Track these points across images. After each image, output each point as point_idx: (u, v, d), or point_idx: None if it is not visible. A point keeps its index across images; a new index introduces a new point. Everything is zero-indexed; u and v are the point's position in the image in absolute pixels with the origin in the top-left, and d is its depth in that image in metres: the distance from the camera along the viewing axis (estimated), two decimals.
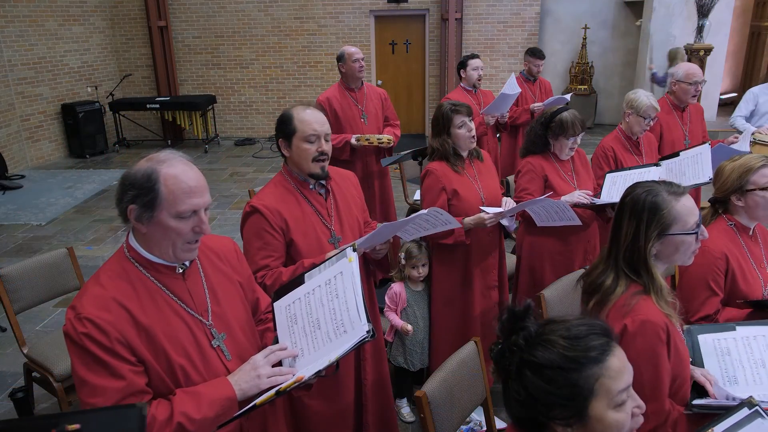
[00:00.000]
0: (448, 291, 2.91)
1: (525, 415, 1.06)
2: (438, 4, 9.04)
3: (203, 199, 1.42)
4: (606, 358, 1.02)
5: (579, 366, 1.01)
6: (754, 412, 1.36)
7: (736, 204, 2.15)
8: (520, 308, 1.09)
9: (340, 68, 4.19)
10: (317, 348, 1.50)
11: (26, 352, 2.83)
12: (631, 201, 1.64)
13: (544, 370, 1.01)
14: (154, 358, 1.38)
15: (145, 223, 1.39)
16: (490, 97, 4.89)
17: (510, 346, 1.08)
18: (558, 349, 1.02)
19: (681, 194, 1.62)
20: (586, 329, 1.04)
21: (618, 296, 1.64)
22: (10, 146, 7.79)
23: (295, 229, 2.10)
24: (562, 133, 2.79)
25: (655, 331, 1.55)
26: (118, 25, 9.40)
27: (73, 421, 1.06)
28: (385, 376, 2.42)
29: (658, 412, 1.56)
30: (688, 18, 8.05)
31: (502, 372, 1.10)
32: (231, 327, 1.56)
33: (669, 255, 1.65)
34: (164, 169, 1.39)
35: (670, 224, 1.60)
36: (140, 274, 1.44)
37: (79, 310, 1.34)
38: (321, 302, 1.55)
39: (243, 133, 9.86)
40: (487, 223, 2.64)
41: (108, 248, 5.31)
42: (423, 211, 2.33)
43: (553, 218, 2.77)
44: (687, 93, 3.80)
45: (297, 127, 2.07)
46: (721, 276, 2.09)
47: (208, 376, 1.46)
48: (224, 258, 1.64)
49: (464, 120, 2.71)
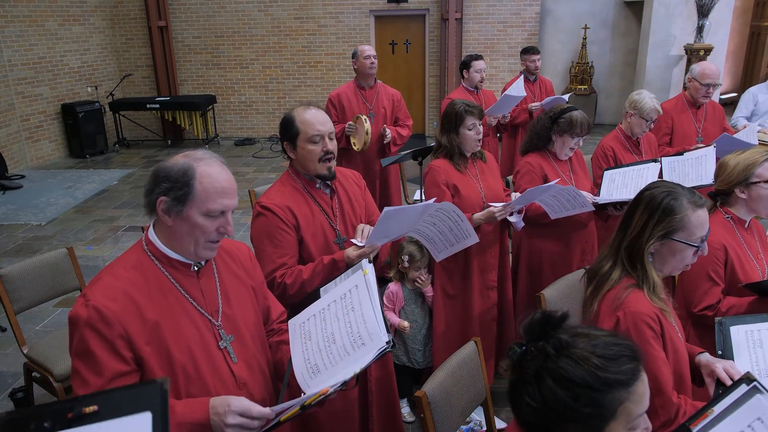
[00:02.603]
0: (449, 289, 2.91)
1: (535, 421, 1.04)
2: (438, 4, 9.04)
3: (233, 200, 1.47)
4: (635, 382, 1.00)
5: (608, 388, 0.98)
6: (752, 388, 1.32)
7: (739, 196, 2.20)
8: (556, 314, 1.06)
9: (353, 65, 4.34)
10: (334, 363, 1.48)
11: (26, 352, 2.83)
12: (650, 196, 1.66)
13: (572, 386, 0.98)
14: (156, 355, 1.38)
15: (173, 216, 1.41)
16: (492, 97, 4.89)
17: (535, 350, 1.04)
18: (591, 367, 0.99)
19: (700, 206, 1.63)
20: (618, 350, 1.01)
21: (612, 284, 1.67)
22: (10, 146, 7.80)
23: (305, 228, 2.10)
24: (568, 131, 2.80)
25: (646, 321, 1.58)
26: (118, 25, 9.40)
27: (90, 403, 1.03)
28: (389, 372, 2.43)
29: (665, 405, 1.56)
30: (688, 18, 8.05)
31: (516, 372, 1.06)
32: (240, 330, 1.56)
33: (664, 258, 1.66)
34: (201, 167, 1.42)
35: (677, 230, 1.61)
36: (155, 268, 1.45)
37: (89, 297, 1.35)
38: (336, 317, 1.54)
39: (243, 133, 9.86)
40: (497, 215, 2.64)
41: (108, 248, 5.31)
42: (430, 201, 2.23)
43: (566, 207, 2.75)
44: (698, 92, 3.81)
45: (300, 129, 2.07)
46: (721, 266, 2.15)
47: (211, 377, 1.46)
48: (239, 261, 1.65)
49: (475, 122, 2.72)
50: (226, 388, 1.49)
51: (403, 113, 4.47)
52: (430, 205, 2.15)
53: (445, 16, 8.92)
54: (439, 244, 2.59)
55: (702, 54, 7.81)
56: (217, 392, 1.46)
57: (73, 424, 1.01)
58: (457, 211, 2.43)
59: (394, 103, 4.41)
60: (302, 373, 1.51)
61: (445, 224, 2.49)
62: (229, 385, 1.50)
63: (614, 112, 9.61)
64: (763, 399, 1.31)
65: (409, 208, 2.03)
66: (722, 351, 1.73)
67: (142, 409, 1.05)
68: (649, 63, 8.39)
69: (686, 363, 1.68)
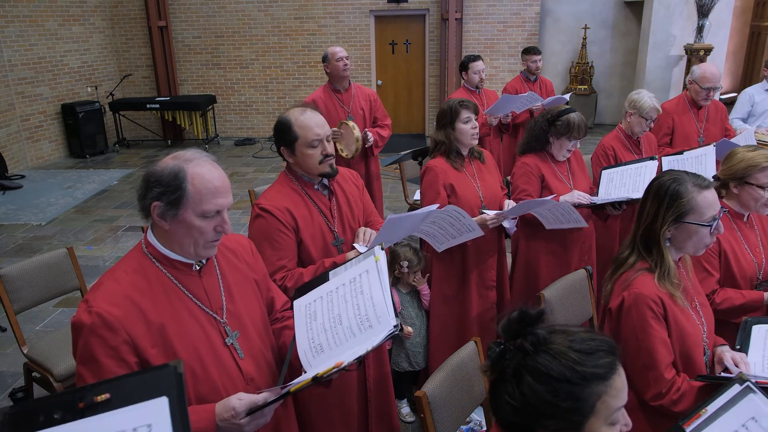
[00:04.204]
0: (446, 290, 2.91)
1: (515, 420, 1.04)
2: (438, 4, 9.04)
3: (227, 199, 1.45)
4: (612, 376, 1.02)
5: (586, 382, 1.00)
6: (745, 388, 1.35)
7: (732, 191, 2.26)
8: (533, 311, 1.07)
9: (325, 69, 4.15)
10: (339, 343, 1.49)
11: (26, 352, 2.83)
12: (657, 185, 1.77)
13: (550, 381, 1.00)
14: (163, 357, 1.38)
15: (169, 220, 1.40)
16: (494, 97, 4.87)
17: (514, 348, 1.05)
18: (568, 361, 1.00)
19: (705, 187, 1.72)
20: (595, 345, 1.03)
21: (627, 267, 1.79)
22: (10, 146, 7.79)
23: (305, 230, 2.09)
24: (565, 134, 2.78)
25: (647, 303, 1.68)
26: (118, 25, 9.40)
27: (102, 391, 1.00)
28: (386, 373, 2.43)
29: (657, 379, 1.67)
30: (688, 18, 8.05)
31: (495, 372, 1.07)
32: (245, 325, 1.56)
33: (682, 242, 1.75)
34: (191, 168, 1.40)
35: (686, 212, 1.70)
36: (156, 270, 1.44)
37: (91, 303, 1.35)
38: (344, 299, 1.55)
39: (243, 133, 9.86)
40: (489, 224, 2.64)
41: (108, 248, 5.31)
42: (432, 207, 2.25)
43: (560, 220, 2.76)
44: (698, 95, 3.81)
45: (298, 134, 2.04)
46: (714, 257, 2.20)
47: (219, 375, 1.46)
48: (240, 256, 1.65)
49: (470, 116, 2.72)
50: (234, 385, 1.49)
51: (381, 113, 4.34)
52: (432, 211, 2.15)
53: (445, 16, 8.92)
54: (440, 238, 2.59)
55: (702, 54, 7.81)
56: (226, 390, 1.46)
57: (87, 414, 0.98)
58: (458, 209, 2.43)
59: (371, 104, 4.28)
60: (305, 351, 1.52)
61: (445, 221, 2.49)
62: (237, 382, 1.50)
63: (614, 112, 9.61)
64: (756, 399, 1.33)
65: (411, 215, 2.05)
66: (740, 346, 1.82)
67: (157, 395, 1.02)
68: (649, 63, 8.39)
69: (697, 346, 1.74)
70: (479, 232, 2.57)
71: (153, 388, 1.03)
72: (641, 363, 1.68)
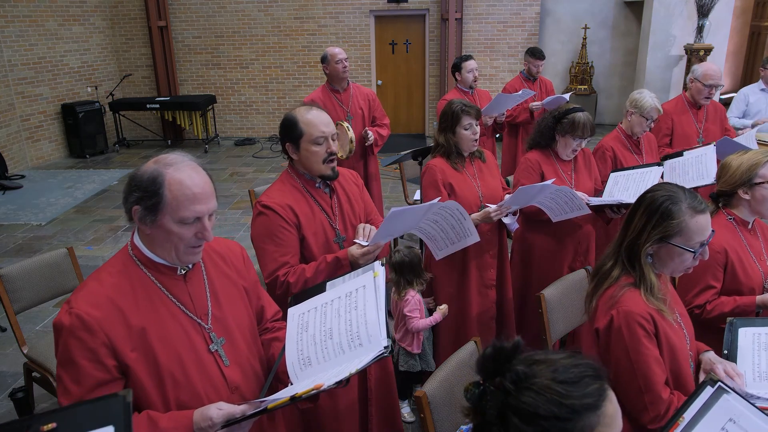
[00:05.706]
0: (448, 288, 2.91)
1: None
2: (438, 4, 9.04)
3: (207, 206, 1.40)
4: (603, 404, 0.94)
5: (577, 415, 0.92)
6: (717, 389, 1.32)
7: (743, 197, 2.20)
8: (507, 345, 0.98)
9: (324, 70, 4.18)
10: (327, 359, 1.46)
11: (26, 352, 2.83)
12: (650, 198, 1.67)
13: (538, 420, 0.92)
14: (143, 361, 1.35)
15: (149, 225, 1.38)
16: (487, 97, 4.87)
17: (494, 389, 0.97)
18: (554, 395, 0.92)
19: (700, 211, 1.62)
20: (579, 372, 0.95)
21: (611, 282, 1.70)
22: (10, 146, 7.79)
23: (307, 227, 2.10)
24: (570, 132, 2.79)
25: (638, 321, 1.60)
26: (118, 25, 9.40)
27: (49, 420, 1.00)
28: (389, 373, 2.43)
29: (654, 401, 1.59)
30: (688, 18, 8.05)
31: (478, 415, 0.99)
32: (231, 332, 1.53)
33: (663, 260, 1.67)
34: (170, 174, 1.36)
35: (674, 234, 1.62)
36: (141, 273, 1.42)
37: (72, 305, 1.33)
38: (338, 313, 1.52)
39: (243, 133, 9.86)
40: (492, 216, 2.65)
41: (108, 248, 5.31)
42: (434, 200, 2.26)
43: (564, 210, 2.74)
44: (700, 93, 3.80)
45: (304, 130, 2.05)
46: (719, 270, 2.16)
47: (201, 382, 1.43)
48: (230, 262, 1.62)
49: (471, 122, 2.73)
50: (218, 392, 1.46)
51: (380, 112, 4.37)
52: (435, 204, 2.16)
53: (445, 16, 8.92)
54: (440, 242, 2.60)
55: (702, 54, 7.81)
56: (209, 397, 1.43)
57: None
58: (460, 209, 2.43)
59: (370, 103, 4.30)
60: (293, 363, 1.49)
61: (447, 222, 2.50)
62: (220, 390, 1.47)
63: (614, 112, 9.61)
64: (731, 399, 1.30)
65: (414, 208, 2.05)
66: (728, 351, 1.75)
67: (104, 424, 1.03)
68: (649, 63, 8.39)
69: (686, 361, 1.69)
70: (476, 238, 2.59)
71: (100, 417, 1.04)
72: (636, 386, 1.60)
